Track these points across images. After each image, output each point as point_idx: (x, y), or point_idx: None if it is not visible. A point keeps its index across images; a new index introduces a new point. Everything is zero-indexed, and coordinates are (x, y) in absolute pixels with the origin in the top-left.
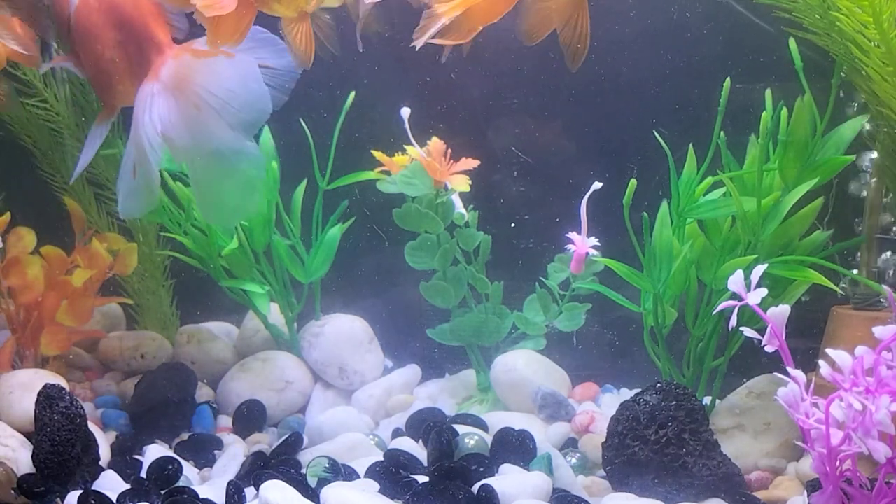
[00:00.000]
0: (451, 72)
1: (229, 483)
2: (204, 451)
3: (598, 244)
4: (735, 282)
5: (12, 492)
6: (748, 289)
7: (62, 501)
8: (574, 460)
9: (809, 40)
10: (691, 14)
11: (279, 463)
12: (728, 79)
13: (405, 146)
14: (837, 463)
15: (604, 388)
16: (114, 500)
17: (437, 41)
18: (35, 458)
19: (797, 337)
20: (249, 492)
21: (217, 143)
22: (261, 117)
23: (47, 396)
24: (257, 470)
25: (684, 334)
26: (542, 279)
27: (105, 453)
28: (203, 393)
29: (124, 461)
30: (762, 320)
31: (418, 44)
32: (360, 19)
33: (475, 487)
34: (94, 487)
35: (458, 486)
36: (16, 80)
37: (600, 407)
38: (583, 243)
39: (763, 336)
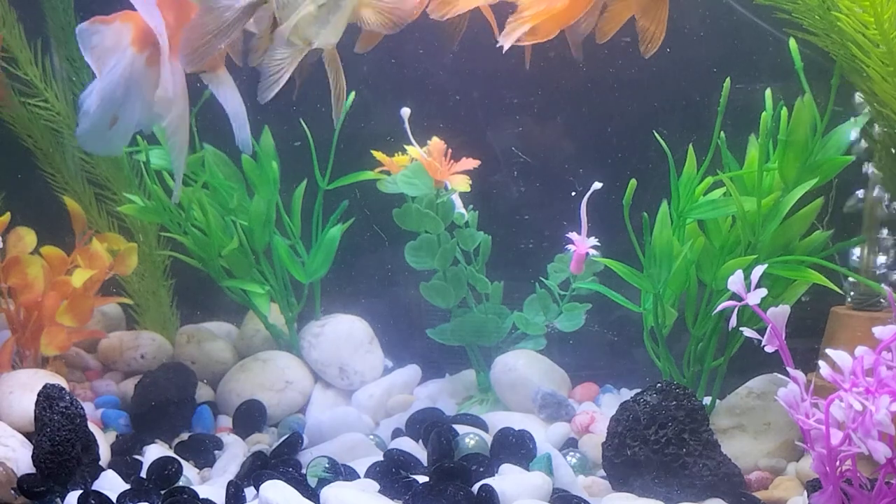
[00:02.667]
0: (451, 72)
1: (229, 483)
2: (204, 451)
3: (598, 244)
4: (735, 282)
5: (12, 492)
6: (748, 289)
7: (62, 501)
8: (574, 460)
9: (809, 41)
10: (692, 14)
11: (279, 463)
12: (728, 79)
13: (405, 146)
14: (837, 463)
15: (604, 388)
16: (114, 500)
17: (521, 42)
18: (35, 458)
19: (797, 337)
20: (249, 492)
21: None
22: None
23: (47, 396)
24: (257, 470)
25: (684, 334)
26: (542, 279)
27: (105, 453)
28: (203, 393)
29: (124, 461)
30: (762, 320)
31: (505, 45)
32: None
33: (475, 487)
34: (94, 487)
35: (458, 486)
36: (17, 80)
37: (600, 407)
38: (583, 243)
39: (763, 336)
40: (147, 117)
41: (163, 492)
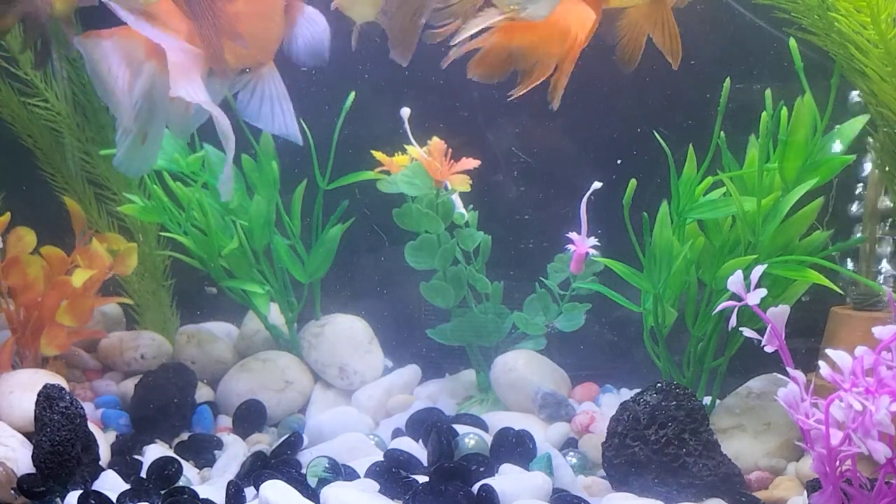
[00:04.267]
0: (451, 72)
1: (229, 483)
2: (204, 451)
3: (598, 244)
4: (735, 282)
5: (12, 492)
6: (748, 289)
7: (62, 501)
8: (574, 460)
9: (809, 40)
10: (691, 14)
11: (279, 463)
12: (728, 79)
13: (405, 146)
14: (837, 463)
15: (604, 388)
16: (114, 500)
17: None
18: (35, 458)
19: (797, 337)
20: (249, 492)
21: None
22: None
23: (47, 396)
24: (257, 470)
25: (684, 334)
26: (542, 279)
27: (105, 453)
28: (203, 393)
29: (124, 461)
30: (762, 320)
31: (555, 105)
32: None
33: (475, 487)
34: (94, 487)
35: (458, 486)
36: (17, 80)
37: (600, 407)
38: (583, 243)
39: (763, 336)
40: (180, 126)
41: (163, 492)
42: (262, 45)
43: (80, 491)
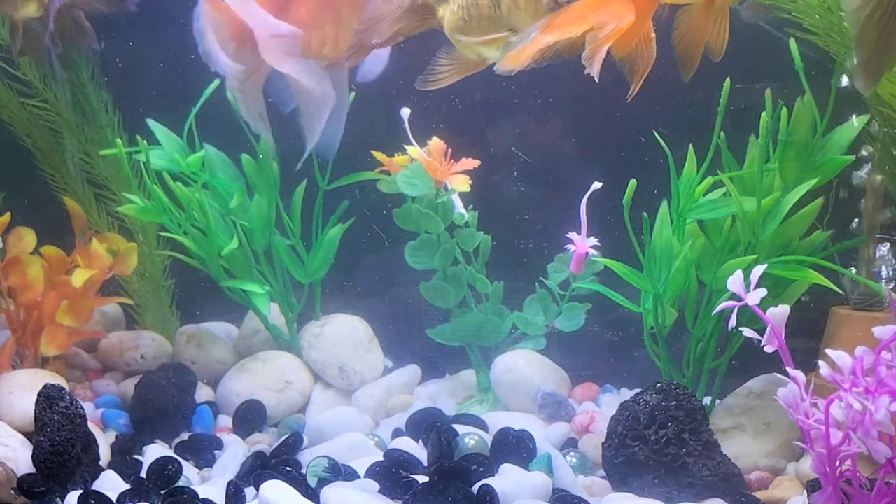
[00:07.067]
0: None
1: (229, 483)
2: (204, 451)
3: (598, 244)
4: (734, 282)
5: (12, 492)
6: (748, 289)
7: (62, 501)
8: (574, 460)
9: (810, 40)
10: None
11: (279, 463)
12: (728, 79)
13: (405, 146)
14: (837, 463)
15: (604, 388)
16: (114, 500)
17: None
18: (35, 458)
19: (797, 337)
20: (249, 492)
21: None
22: None
23: (47, 396)
24: (257, 470)
25: (684, 334)
26: (542, 279)
27: (105, 453)
28: (203, 393)
29: (124, 461)
30: (762, 320)
31: (594, 72)
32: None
33: (475, 487)
34: (94, 487)
35: (458, 486)
36: (16, 81)
37: (600, 407)
38: (582, 243)
39: (763, 336)
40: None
41: (163, 492)
42: None
43: (80, 491)
